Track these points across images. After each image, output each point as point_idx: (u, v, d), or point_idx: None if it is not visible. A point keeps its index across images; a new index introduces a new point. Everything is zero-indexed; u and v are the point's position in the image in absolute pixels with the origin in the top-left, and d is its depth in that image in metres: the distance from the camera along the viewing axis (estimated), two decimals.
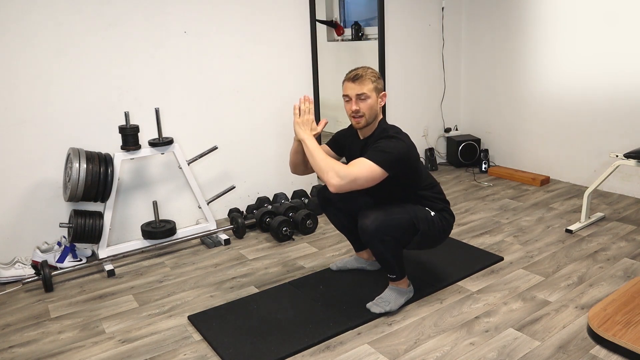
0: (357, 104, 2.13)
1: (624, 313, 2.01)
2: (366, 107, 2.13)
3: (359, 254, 2.63)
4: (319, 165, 2.02)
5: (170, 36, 3.07)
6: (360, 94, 2.12)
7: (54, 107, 2.78)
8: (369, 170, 1.98)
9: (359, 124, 2.17)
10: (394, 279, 2.25)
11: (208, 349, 2.03)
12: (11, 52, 2.62)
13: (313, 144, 2.09)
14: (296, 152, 2.31)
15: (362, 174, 1.97)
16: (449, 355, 1.93)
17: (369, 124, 2.18)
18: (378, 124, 2.21)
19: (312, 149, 2.07)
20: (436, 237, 2.28)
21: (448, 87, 4.61)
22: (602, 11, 3.53)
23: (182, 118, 3.20)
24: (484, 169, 4.39)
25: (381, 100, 2.19)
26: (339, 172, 1.96)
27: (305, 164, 2.32)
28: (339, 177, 1.95)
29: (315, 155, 2.05)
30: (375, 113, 2.17)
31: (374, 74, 2.16)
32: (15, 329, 2.24)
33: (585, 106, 3.77)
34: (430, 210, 2.24)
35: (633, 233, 2.99)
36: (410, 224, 2.14)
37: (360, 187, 2.01)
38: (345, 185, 1.96)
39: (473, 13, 4.47)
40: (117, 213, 3.04)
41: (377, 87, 2.15)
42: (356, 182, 1.97)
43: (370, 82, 2.13)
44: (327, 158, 2.03)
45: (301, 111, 2.17)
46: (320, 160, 2.02)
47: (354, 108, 2.13)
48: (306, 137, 2.11)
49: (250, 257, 2.91)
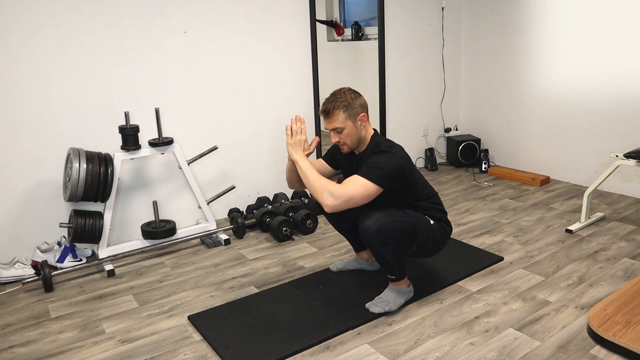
0: (335, 136, 2.15)
1: (624, 313, 2.01)
2: (345, 136, 2.13)
3: (359, 255, 2.63)
4: (313, 186, 2.03)
5: (170, 36, 3.07)
6: (333, 128, 2.12)
7: (54, 107, 2.78)
8: (363, 188, 1.99)
9: (344, 150, 2.20)
10: (394, 279, 2.25)
11: (208, 349, 2.03)
12: (11, 52, 2.62)
13: (306, 165, 2.09)
14: (290, 170, 2.32)
15: (356, 192, 1.98)
16: (449, 355, 1.93)
17: (356, 147, 2.19)
18: (370, 139, 2.20)
19: (305, 169, 2.08)
20: (434, 245, 2.28)
21: (448, 87, 4.61)
22: (602, 11, 3.53)
23: (182, 118, 3.20)
24: (484, 169, 4.39)
25: (361, 122, 2.14)
26: (333, 193, 1.96)
27: (300, 181, 2.31)
28: (334, 198, 1.96)
29: (309, 176, 2.05)
30: (357, 137, 2.16)
31: (345, 100, 2.10)
32: (15, 329, 2.24)
33: (585, 106, 3.77)
34: (430, 219, 2.24)
35: (633, 233, 2.99)
36: (411, 228, 2.14)
37: (355, 205, 2.02)
38: (340, 205, 1.97)
39: (473, 13, 4.47)
40: (117, 213, 3.04)
41: (352, 113, 2.10)
42: (351, 201, 1.98)
43: (342, 112, 2.09)
44: (320, 178, 2.03)
45: (293, 132, 2.16)
46: (314, 181, 2.03)
47: (334, 140, 2.16)
48: (299, 158, 2.12)
49: (250, 257, 2.91)
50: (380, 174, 2.01)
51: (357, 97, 2.15)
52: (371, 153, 2.13)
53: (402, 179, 2.11)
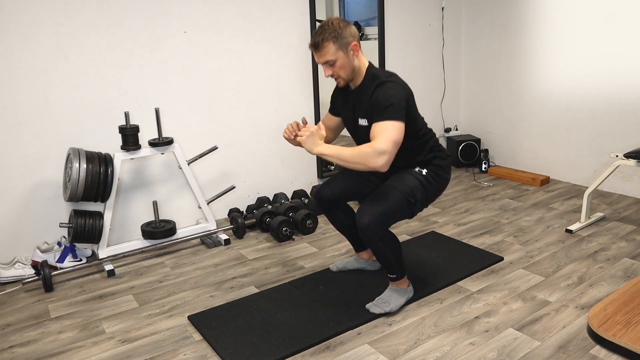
0: (327, 70, 2.05)
1: (624, 313, 2.01)
2: (338, 69, 2.04)
3: (359, 255, 2.63)
4: (354, 161, 1.93)
5: (170, 36, 3.07)
6: (325, 61, 2.04)
7: (54, 107, 2.78)
8: (394, 129, 1.91)
9: (340, 84, 2.11)
10: (394, 278, 2.25)
11: (208, 349, 2.03)
12: (11, 52, 2.62)
13: (331, 150, 1.98)
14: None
15: (391, 137, 1.90)
16: (449, 355, 1.93)
17: (352, 78, 2.10)
18: (366, 71, 2.11)
19: (334, 154, 1.96)
20: (436, 192, 2.24)
21: (448, 87, 4.61)
22: (602, 11, 3.53)
23: (182, 118, 3.20)
24: (484, 169, 4.39)
25: (353, 52, 2.04)
26: (376, 151, 1.87)
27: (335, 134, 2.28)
28: (379, 155, 1.88)
29: (342, 156, 1.95)
30: (351, 68, 2.06)
31: (334, 31, 1.99)
32: (15, 329, 2.24)
33: (585, 106, 3.77)
34: (421, 170, 2.19)
35: (633, 233, 2.99)
36: (404, 202, 2.11)
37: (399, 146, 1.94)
38: (388, 157, 1.89)
39: (473, 13, 4.47)
40: (117, 213, 3.04)
41: (342, 43, 2.00)
42: (396, 146, 1.91)
43: (332, 43, 1.99)
44: (354, 151, 1.93)
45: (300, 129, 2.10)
46: (351, 157, 1.93)
47: (327, 75, 2.06)
48: (321, 149, 1.99)
49: (250, 257, 2.91)
50: (395, 109, 1.94)
51: (346, 26, 2.03)
52: (372, 88, 2.04)
53: (410, 105, 2.05)
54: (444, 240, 2.99)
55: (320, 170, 3.88)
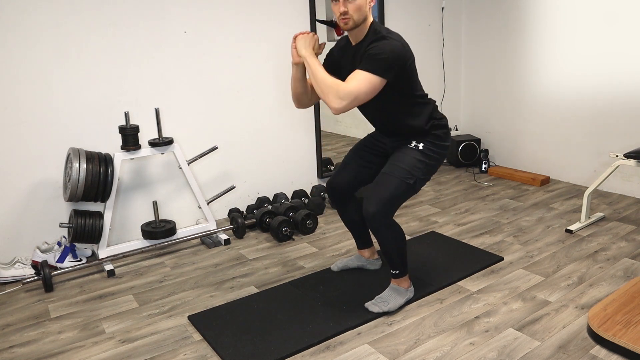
0: (344, 4, 2.00)
1: (624, 313, 2.01)
2: (354, 8, 2.00)
3: (361, 252, 2.63)
4: (320, 86, 1.95)
5: (170, 36, 3.07)
6: None
7: (54, 107, 2.78)
8: (367, 82, 1.92)
9: (347, 25, 2.07)
10: (397, 275, 2.25)
11: (208, 349, 2.03)
12: (11, 52, 2.62)
13: (315, 62, 2.00)
14: (296, 79, 2.20)
15: (361, 88, 1.91)
16: (449, 355, 1.93)
17: (358, 25, 2.08)
18: (369, 26, 2.09)
19: (314, 67, 1.99)
20: (435, 163, 2.23)
21: (448, 87, 4.61)
22: (602, 11, 3.53)
23: (182, 118, 3.20)
24: (484, 169, 4.39)
25: (370, 0, 2.06)
26: (338, 92, 1.90)
27: (307, 92, 2.24)
28: (339, 99, 1.90)
29: (317, 74, 1.97)
30: (364, 14, 2.04)
31: None
32: (15, 329, 2.24)
33: (585, 106, 3.77)
34: (417, 145, 2.18)
35: (633, 233, 2.99)
36: (403, 185, 2.11)
37: (363, 102, 1.96)
38: (347, 105, 1.91)
39: (473, 13, 4.47)
40: (117, 213, 3.04)
41: None
42: (358, 99, 1.93)
43: None
44: (329, 78, 1.95)
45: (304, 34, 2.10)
46: (322, 80, 1.95)
47: (342, 9, 2.03)
48: (308, 55, 2.03)
49: (250, 257, 2.91)
50: (381, 63, 1.93)
51: None
52: (369, 42, 2.04)
53: (403, 66, 2.04)
54: (444, 240, 2.99)
55: (320, 170, 3.88)
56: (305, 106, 2.34)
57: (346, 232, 3.15)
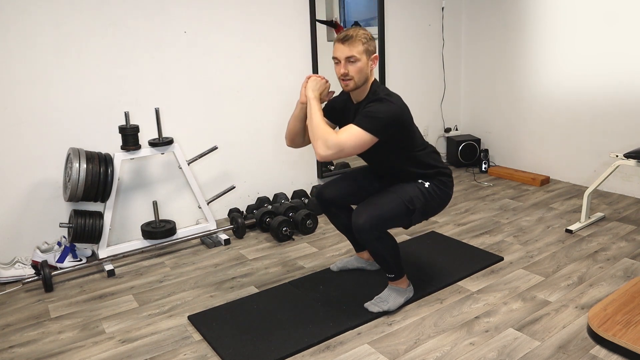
0: (345, 67, 2.06)
1: (624, 313, 2.01)
2: (355, 70, 2.06)
3: (359, 254, 2.63)
4: (314, 130, 1.99)
5: (170, 36, 3.07)
6: (349, 56, 2.04)
7: (54, 107, 2.78)
8: (355, 137, 1.96)
9: (348, 87, 2.11)
10: (393, 278, 2.25)
11: (208, 349, 2.03)
12: (11, 52, 2.62)
13: (317, 106, 2.05)
14: (297, 118, 2.24)
15: (349, 142, 1.95)
16: (449, 355, 1.93)
17: (359, 87, 2.11)
18: (370, 86, 2.14)
19: (314, 110, 2.04)
20: (438, 205, 2.26)
21: (448, 87, 4.61)
22: (602, 11, 3.53)
23: (182, 118, 3.20)
24: (484, 169, 4.39)
25: (372, 63, 2.10)
26: (327, 141, 1.94)
27: (303, 134, 2.27)
28: (326, 147, 1.94)
29: (314, 118, 2.02)
30: (365, 76, 2.09)
31: (366, 36, 2.07)
32: (15, 329, 2.24)
33: (585, 106, 3.77)
34: (423, 182, 2.20)
35: (633, 233, 2.99)
36: (403, 208, 2.11)
37: (348, 155, 2.00)
38: (332, 154, 1.95)
39: (473, 13, 4.47)
40: (117, 213, 3.04)
41: (368, 49, 2.07)
42: (343, 151, 1.96)
43: (361, 44, 2.04)
44: (323, 125, 1.99)
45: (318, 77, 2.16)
46: (317, 125, 1.99)
47: (342, 71, 2.07)
48: (313, 98, 2.08)
49: (250, 257, 2.91)
50: (375, 123, 1.98)
51: (373, 39, 2.12)
52: (369, 101, 2.08)
53: (399, 128, 2.06)
54: (444, 240, 2.99)
55: (320, 170, 3.88)
56: (297, 146, 2.38)
57: None
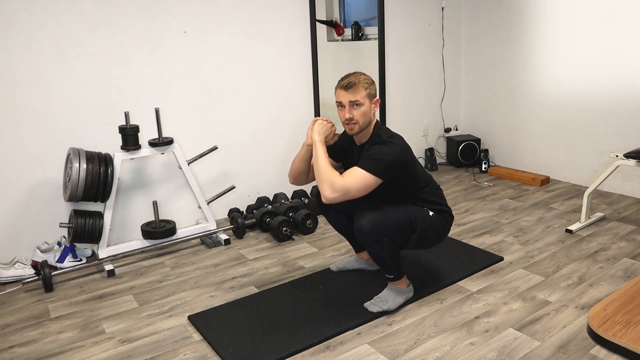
0: (350, 111, 2.12)
1: (624, 313, 2.01)
2: (359, 114, 2.12)
3: (359, 255, 2.63)
4: (320, 172, 2.04)
5: (170, 36, 3.07)
6: (353, 101, 2.10)
7: (54, 107, 2.78)
8: (361, 180, 2.00)
9: (353, 130, 2.16)
10: (392, 279, 2.25)
11: (208, 349, 2.03)
12: (11, 52, 2.62)
13: (322, 150, 2.10)
14: (302, 159, 2.30)
15: (354, 184, 1.99)
16: (449, 355, 1.93)
17: (363, 130, 2.17)
18: (373, 128, 2.20)
19: (320, 154, 2.08)
20: (435, 236, 2.28)
21: (448, 87, 4.61)
22: (602, 11, 3.53)
23: (182, 118, 3.20)
24: (484, 169, 4.39)
25: (374, 106, 2.17)
26: (332, 185, 1.98)
27: (307, 173, 2.33)
28: (332, 190, 1.98)
29: (320, 162, 2.06)
30: (368, 119, 2.16)
31: (367, 81, 2.14)
32: (15, 329, 2.24)
33: (585, 106, 3.77)
34: (428, 210, 2.24)
35: (633, 233, 2.99)
36: (407, 223, 2.14)
37: (353, 197, 2.02)
38: (337, 197, 1.99)
39: (473, 13, 4.47)
40: (117, 213, 3.04)
41: (370, 93, 2.14)
42: (349, 193, 1.99)
43: (363, 89, 2.11)
44: (329, 167, 2.04)
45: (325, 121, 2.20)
46: (323, 168, 2.04)
47: (348, 116, 2.12)
48: (318, 141, 2.12)
49: (250, 257, 2.91)
50: (379, 165, 2.02)
51: (373, 83, 2.19)
52: (372, 144, 2.13)
53: (402, 169, 2.11)
54: (444, 240, 2.98)
55: None
56: (300, 184, 2.43)
57: None
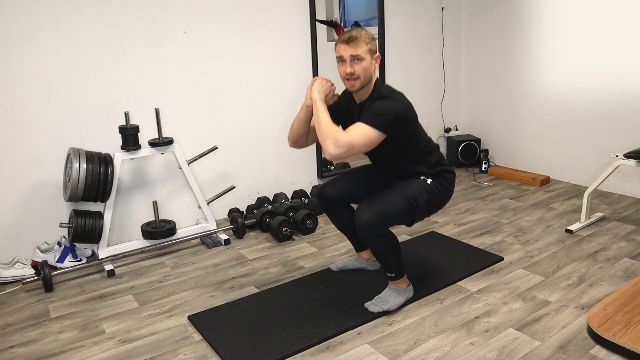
0: (351, 66, 2.07)
1: (624, 313, 2.01)
2: (361, 69, 2.07)
3: (360, 254, 2.63)
4: (322, 130, 2.00)
5: (170, 36, 3.07)
6: (354, 55, 2.06)
7: (54, 107, 2.78)
8: (365, 135, 1.97)
9: (354, 87, 2.12)
10: (393, 277, 2.25)
11: (208, 349, 2.03)
12: (11, 52, 2.62)
13: (323, 107, 2.06)
14: (301, 121, 2.24)
15: (358, 139, 1.96)
16: (449, 355, 1.93)
17: (364, 86, 2.13)
18: (374, 85, 2.15)
19: (321, 111, 2.04)
20: (439, 201, 2.27)
21: (448, 87, 4.61)
22: (602, 11, 3.53)
23: (182, 118, 3.20)
24: (484, 169, 4.39)
25: (375, 62, 2.12)
26: (336, 140, 1.94)
27: (307, 135, 2.28)
28: (336, 146, 1.94)
29: (322, 118, 2.02)
30: (369, 75, 2.11)
31: (369, 36, 2.09)
32: (15, 329, 2.24)
33: (585, 106, 3.77)
34: (426, 179, 2.21)
35: (633, 233, 2.99)
36: (406, 205, 2.13)
37: (358, 153, 2.01)
38: (341, 153, 1.95)
39: (473, 13, 4.47)
40: (117, 213, 3.04)
41: (372, 49, 2.09)
42: (353, 149, 1.96)
43: (365, 44, 2.06)
44: (331, 124, 1.99)
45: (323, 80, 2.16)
46: (325, 125, 1.99)
47: (349, 70, 2.07)
48: (318, 99, 2.08)
49: (250, 257, 2.91)
50: (382, 120, 1.99)
51: (375, 39, 2.14)
52: (373, 100, 2.10)
53: (405, 125, 2.09)
54: (444, 240, 2.99)
55: (320, 170, 3.88)
56: (300, 147, 2.39)
57: None
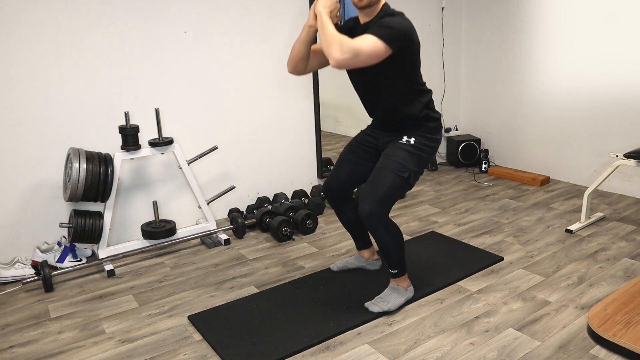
0: None
1: (624, 313, 2.01)
2: None
3: (360, 253, 2.63)
4: (327, 36, 1.93)
5: (170, 36, 3.07)
6: None
7: (54, 107, 2.78)
8: (372, 44, 1.93)
9: (362, 1, 2.09)
10: (395, 274, 2.25)
11: (208, 349, 2.03)
12: (11, 52, 2.62)
13: (328, 19, 1.99)
14: (303, 42, 2.19)
15: (365, 48, 1.91)
16: (449, 355, 1.93)
17: (372, 4, 2.10)
18: (381, 7, 2.13)
19: (327, 22, 1.97)
20: (428, 156, 2.25)
21: (448, 87, 4.61)
22: (602, 11, 3.53)
23: (182, 118, 3.20)
24: (484, 169, 4.39)
25: None
26: (342, 45, 1.89)
27: (306, 59, 2.25)
28: (341, 51, 1.89)
29: (327, 28, 1.95)
30: None
31: None
32: (15, 329, 2.24)
33: (585, 106, 3.77)
34: (409, 140, 2.20)
35: (633, 233, 2.99)
36: (398, 179, 2.12)
37: (363, 63, 1.95)
38: (347, 59, 1.90)
39: (473, 13, 4.47)
40: (117, 213, 3.04)
41: None
42: (359, 56, 1.91)
43: None
44: (336, 32, 1.95)
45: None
46: (329, 33, 1.93)
47: None
48: (324, 12, 2.01)
49: (250, 257, 2.91)
50: (391, 32, 1.96)
51: None
52: (379, 17, 2.08)
53: (409, 46, 2.06)
54: (444, 240, 2.99)
55: (320, 170, 3.88)
56: (299, 73, 2.32)
57: (346, 232, 3.15)
